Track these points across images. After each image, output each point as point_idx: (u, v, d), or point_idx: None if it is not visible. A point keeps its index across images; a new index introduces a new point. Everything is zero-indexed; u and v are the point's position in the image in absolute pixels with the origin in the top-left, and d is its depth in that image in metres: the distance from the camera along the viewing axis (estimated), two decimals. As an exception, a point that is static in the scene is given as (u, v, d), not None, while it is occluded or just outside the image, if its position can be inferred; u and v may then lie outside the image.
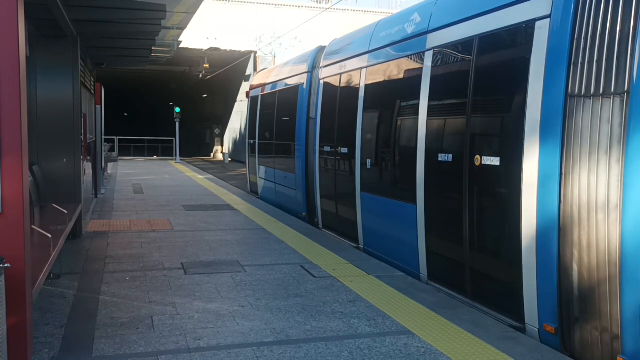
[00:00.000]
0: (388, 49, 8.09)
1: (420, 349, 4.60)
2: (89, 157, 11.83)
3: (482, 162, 5.76)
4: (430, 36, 6.95)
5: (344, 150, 9.24)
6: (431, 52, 6.88)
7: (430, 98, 6.76)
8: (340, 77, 9.67)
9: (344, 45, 10.07)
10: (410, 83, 7.27)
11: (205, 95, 44.44)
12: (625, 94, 4.21)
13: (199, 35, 28.29)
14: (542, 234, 4.96)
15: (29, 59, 7.02)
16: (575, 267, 4.64)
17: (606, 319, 4.35)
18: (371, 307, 5.62)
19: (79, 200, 8.50)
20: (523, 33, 5.36)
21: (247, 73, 32.63)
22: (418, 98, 6.94)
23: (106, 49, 11.58)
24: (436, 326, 5.11)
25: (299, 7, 32.32)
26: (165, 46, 11.79)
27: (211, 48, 30.56)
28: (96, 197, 13.71)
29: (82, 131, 9.56)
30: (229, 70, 34.25)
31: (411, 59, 7.44)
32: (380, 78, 8.32)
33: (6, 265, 3.56)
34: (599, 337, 4.44)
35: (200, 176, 21.19)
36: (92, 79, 13.40)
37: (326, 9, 30.65)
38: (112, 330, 4.89)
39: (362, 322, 5.21)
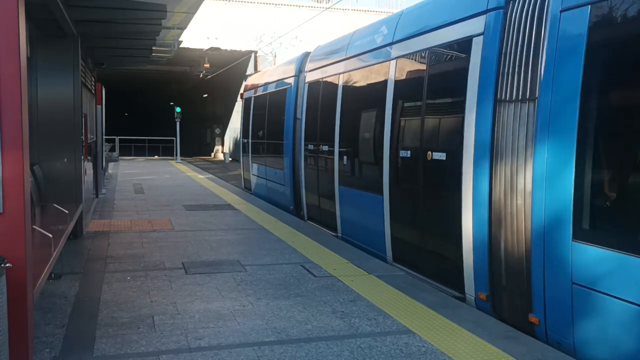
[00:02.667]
0: (361, 57, 8.94)
1: (421, 348, 4.61)
2: (89, 157, 11.83)
3: (432, 157, 6.65)
4: (394, 47, 7.85)
5: (325, 148, 10.16)
6: (395, 61, 7.76)
7: (394, 102, 7.65)
8: (322, 81, 10.52)
9: (325, 52, 10.91)
10: (378, 88, 8.07)
11: (206, 95, 44.46)
12: (536, 99, 5.10)
13: (199, 35, 28.29)
14: (476, 218, 5.83)
15: (29, 59, 7.03)
16: (502, 245, 5.53)
17: (522, 286, 5.25)
18: (372, 307, 5.63)
19: (80, 200, 8.50)
20: (463, 47, 6.21)
21: (248, 73, 32.59)
22: (384, 102, 7.81)
23: (107, 49, 11.59)
24: (437, 325, 5.11)
25: (299, 6, 32.32)
26: (165, 46, 11.79)
27: (211, 48, 30.56)
28: (97, 197, 13.72)
29: (83, 131, 9.57)
30: (229, 70, 34.26)
31: (379, 66, 8.27)
32: (354, 83, 9.23)
33: (7, 265, 3.57)
34: (518, 300, 5.35)
35: (200, 176, 21.19)
36: (93, 79, 13.40)
37: (326, 8, 30.64)
38: (113, 330, 4.89)
39: (362, 321, 5.22)
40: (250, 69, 32.12)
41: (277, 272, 6.92)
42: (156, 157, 34.92)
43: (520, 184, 5.22)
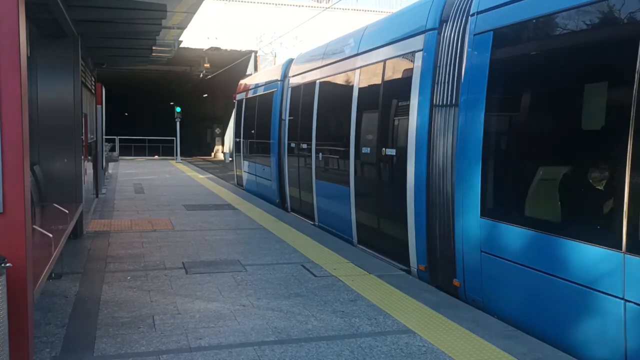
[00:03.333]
0: (332, 65, 10.23)
1: (422, 347, 4.61)
2: (89, 157, 11.84)
3: (386, 153, 7.82)
4: (358, 58, 9.03)
5: (304, 146, 11.46)
6: (359, 70, 8.93)
7: (358, 105, 8.88)
8: (302, 86, 11.76)
9: (306, 59, 12.23)
10: (346, 93, 9.31)
11: (206, 95, 44.42)
12: (458, 105, 6.25)
13: (199, 34, 28.26)
14: (417, 203, 7.04)
15: (29, 59, 7.03)
16: (436, 224, 6.69)
17: (449, 256, 6.41)
18: (372, 306, 5.63)
19: (80, 200, 8.50)
20: (409, 60, 7.40)
21: (248, 73, 32.58)
22: (351, 105, 9.03)
23: (107, 49, 11.59)
24: (437, 325, 5.12)
25: (299, 6, 32.28)
26: (165, 46, 11.80)
27: (212, 48, 30.52)
28: (97, 196, 13.72)
29: (83, 131, 9.57)
30: (229, 69, 34.24)
31: (346, 74, 9.52)
32: (327, 88, 10.47)
33: (7, 265, 3.57)
34: (446, 268, 6.53)
35: (201, 176, 21.20)
36: (93, 79, 13.41)
37: (326, 8, 30.61)
38: (114, 330, 4.89)
39: (363, 321, 5.22)
40: (250, 69, 32.09)
41: (278, 271, 6.92)
42: (156, 157, 34.91)
43: (448, 175, 6.43)
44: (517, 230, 5.22)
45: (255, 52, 31.81)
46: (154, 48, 11.54)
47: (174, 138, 33.99)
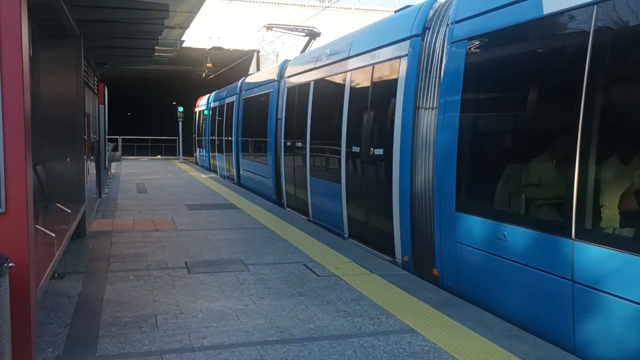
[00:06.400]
0: (218, 101, 21.20)
1: (424, 347, 4.60)
2: (92, 157, 11.85)
3: (260, 139, 14.88)
4: (242, 94, 18.10)
5: (219, 139, 21.62)
6: (243, 100, 17.92)
7: (243, 119, 17.72)
8: (217, 108, 22.35)
9: (216, 94, 23.27)
10: (229, 114, 18.91)
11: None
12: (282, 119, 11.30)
13: (201, 34, 28.22)
14: (270, 159, 14.15)
15: (32, 58, 7.03)
16: (284, 175, 13.39)
17: (280, 187, 13.39)
18: (375, 306, 5.62)
19: (83, 200, 8.52)
20: (269, 95, 14.53)
21: (250, 72, 32.54)
22: (232, 119, 18.14)
23: (109, 49, 11.60)
24: (440, 324, 5.11)
25: (301, 5, 32.26)
26: (168, 45, 11.81)
27: (214, 47, 30.47)
28: (100, 196, 13.73)
29: (86, 131, 9.58)
30: (231, 69, 34.19)
31: (231, 104, 18.89)
32: (222, 111, 20.28)
33: (10, 264, 3.57)
34: (280, 195, 13.34)
35: (203, 175, 21.22)
36: (96, 79, 13.42)
37: (325, 7, 30.54)
38: (116, 329, 4.90)
39: (365, 320, 5.21)
40: (252, 68, 32.04)
41: (280, 271, 6.92)
42: (159, 156, 34.92)
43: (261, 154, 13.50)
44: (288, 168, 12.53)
45: (258, 51, 31.77)
46: (156, 48, 11.55)
47: (177, 138, 33.99)
